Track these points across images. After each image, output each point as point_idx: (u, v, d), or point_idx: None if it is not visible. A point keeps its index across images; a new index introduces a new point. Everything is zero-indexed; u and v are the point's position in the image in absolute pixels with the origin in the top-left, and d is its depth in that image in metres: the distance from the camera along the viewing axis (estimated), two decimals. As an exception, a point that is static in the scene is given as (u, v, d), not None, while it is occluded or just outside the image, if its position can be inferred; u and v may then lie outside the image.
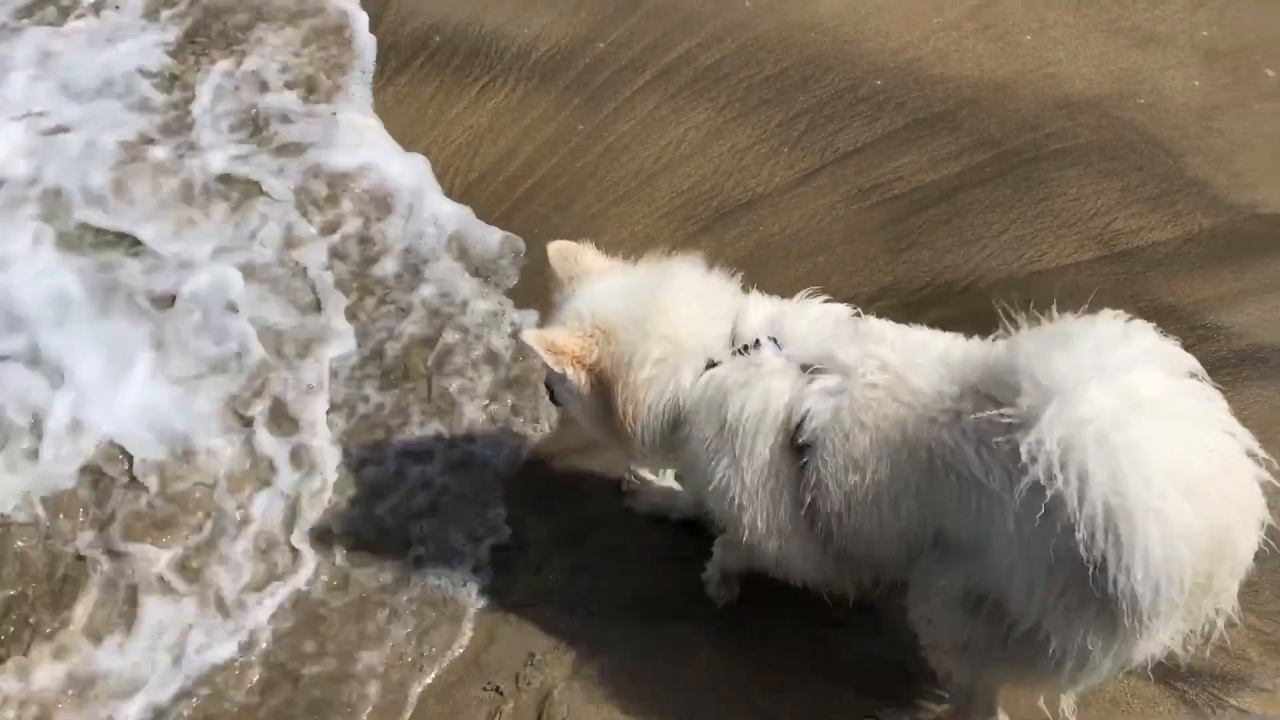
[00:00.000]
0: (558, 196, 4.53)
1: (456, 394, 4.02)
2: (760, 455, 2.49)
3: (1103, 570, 1.96)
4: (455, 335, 4.18)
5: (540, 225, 4.48)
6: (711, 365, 2.57)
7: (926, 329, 2.54)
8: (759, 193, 4.33)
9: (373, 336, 4.20)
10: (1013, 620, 2.22)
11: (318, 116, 5.02)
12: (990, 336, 2.38)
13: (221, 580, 3.57)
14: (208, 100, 5.08)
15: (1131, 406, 1.97)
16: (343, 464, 3.85)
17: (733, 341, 2.57)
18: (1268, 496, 2.10)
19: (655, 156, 4.51)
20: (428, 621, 3.40)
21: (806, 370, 2.45)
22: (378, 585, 3.52)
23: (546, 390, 3.06)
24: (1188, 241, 3.86)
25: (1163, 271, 3.79)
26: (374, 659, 3.34)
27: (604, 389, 2.64)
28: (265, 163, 4.82)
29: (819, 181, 4.30)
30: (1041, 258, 3.91)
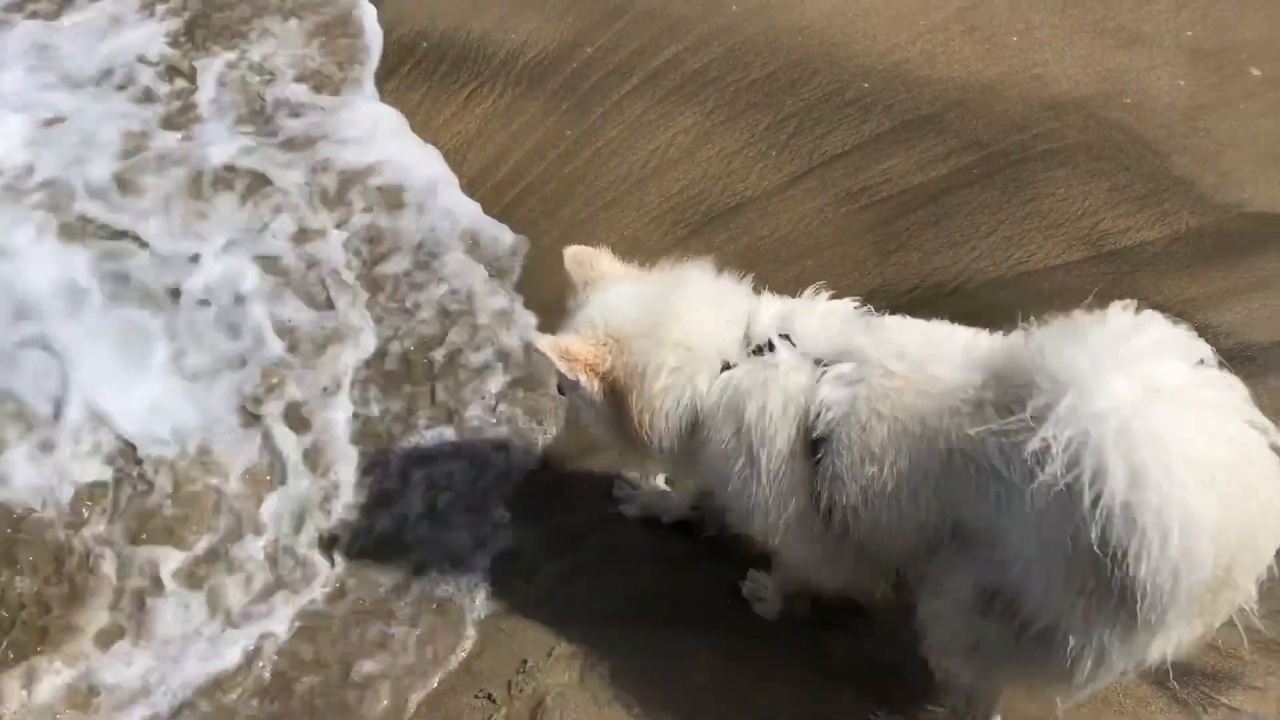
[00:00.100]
0: (546, 202, 4.53)
1: (463, 395, 4.00)
2: (779, 453, 2.49)
3: (1121, 562, 1.93)
4: (464, 335, 4.16)
5: (529, 230, 4.48)
6: (727, 368, 2.58)
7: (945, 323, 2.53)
8: (747, 196, 4.33)
9: (381, 335, 4.19)
10: (1025, 618, 2.20)
11: (326, 108, 5.00)
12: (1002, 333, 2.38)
13: (229, 588, 3.56)
14: (212, 91, 5.06)
15: (1150, 395, 1.95)
16: (351, 466, 3.85)
17: (747, 343, 2.58)
18: None
19: (643, 161, 4.51)
20: (426, 628, 3.39)
21: (820, 365, 2.46)
22: (377, 592, 3.52)
23: (556, 389, 3.05)
24: (1175, 241, 3.87)
25: (1151, 271, 3.79)
26: (373, 668, 3.33)
27: (617, 397, 2.66)
28: (274, 155, 4.79)
29: (807, 184, 4.30)
30: (1030, 258, 3.91)
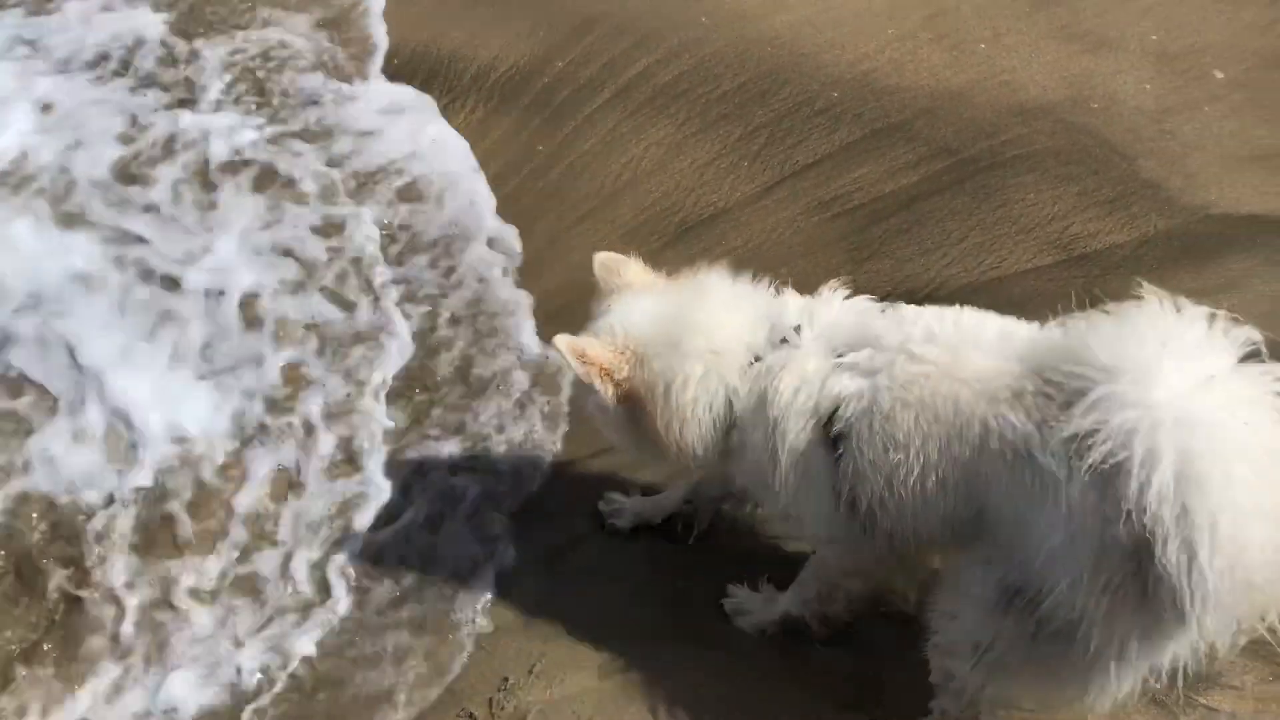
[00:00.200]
0: (520, 217, 4.54)
1: (472, 405, 3.98)
2: (805, 440, 2.51)
3: (1160, 552, 1.93)
4: (476, 342, 4.14)
5: (504, 246, 4.48)
6: (757, 361, 2.61)
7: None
8: (721, 207, 4.35)
9: (399, 339, 4.17)
10: (1044, 614, 2.19)
11: (337, 95, 4.99)
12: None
13: (234, 605, 3.51)
14: (216, 79, 5.03)
15: (1203, 386, 1.97)
16: (357, 476, 3.82)
17: (772, 337, 2.61)
18: None
19: (617, 174, 4.52)
20: (420, 648, 3.38)
21: (839, 355, 2.48)
22: (371, 610, 3.50)
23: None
24: (1144, 244, 3.90)
25: (1121, 274, 3.81)
26: (368, 686, 3.31)
27: (634, 408, 2.69)
28: (286, 144, 4.76)
29: (779, 194, 4.32)
30: (1001, 264, 3.93)
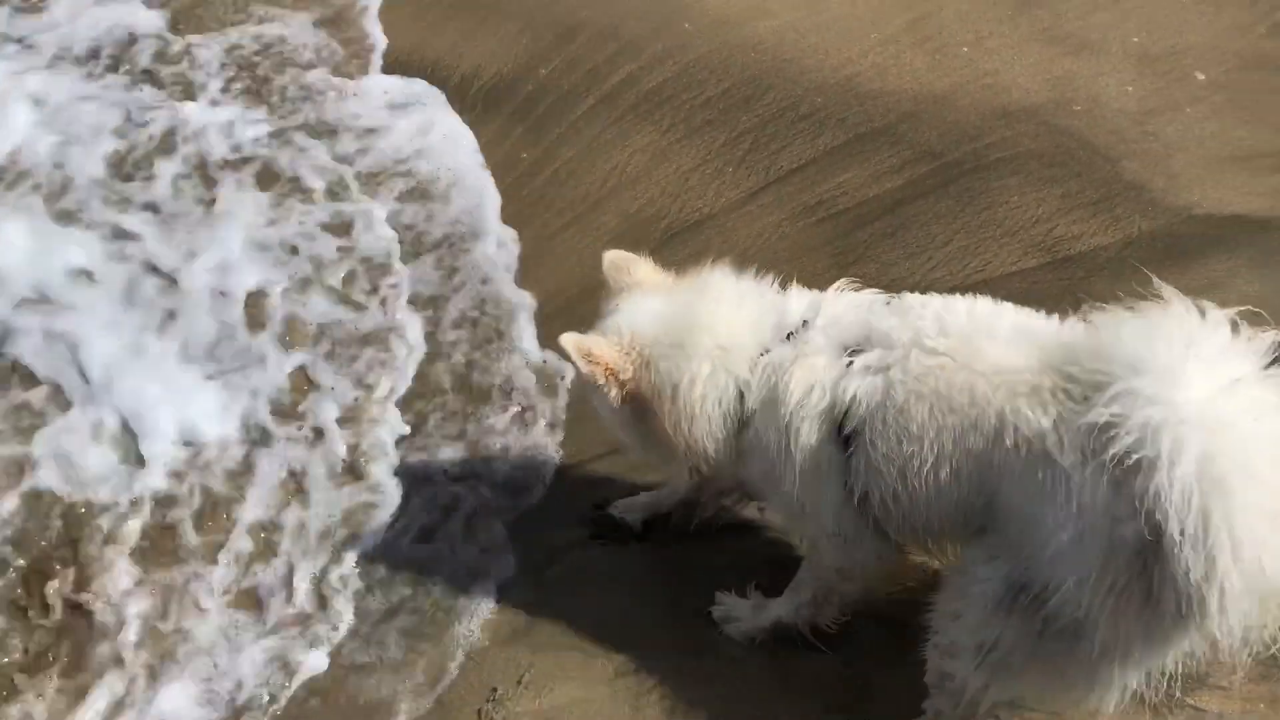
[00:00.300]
0: (506, 224, 4.53)
1: (475, 412, 3.97)
2: (817, 436, 2.50)
3: (1174, 550, 1.93)
4: (478, 350, 4.12)
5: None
6: (765, 354, 2.61)
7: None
8: (706, 213, 4.35)
9: (406, 344, 4.14)
10: (1051, 613, 2.19)
11: (338, 90, 4.98)
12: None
13: (241, 628, 3.49)
14: (214, 75, 5.01)
15: (1228, 389, 1.99)
16: (361, 484, 3.80)
17: (780, 330, 2.62)
18: None
19: (602, 181, 4.52)
20: (416, 658, 3.37)
21: (849, 351, 2.48)
22: (367, 619, 3.50)
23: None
24: (1128, 245, 3.90)
25: (1106, 276, 3.82)
26: (365, 695, 3.30)
27: (639, 408, 2.70)
28: (288, 139, 4.73)
29: (764, 200, 4.32)
30: (986, 266, 3.93)
